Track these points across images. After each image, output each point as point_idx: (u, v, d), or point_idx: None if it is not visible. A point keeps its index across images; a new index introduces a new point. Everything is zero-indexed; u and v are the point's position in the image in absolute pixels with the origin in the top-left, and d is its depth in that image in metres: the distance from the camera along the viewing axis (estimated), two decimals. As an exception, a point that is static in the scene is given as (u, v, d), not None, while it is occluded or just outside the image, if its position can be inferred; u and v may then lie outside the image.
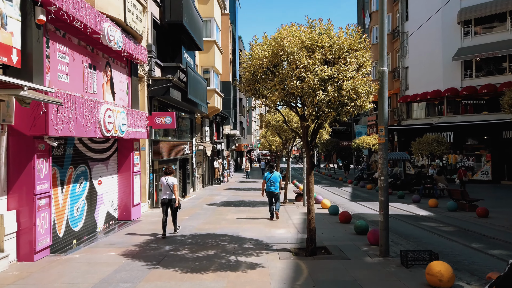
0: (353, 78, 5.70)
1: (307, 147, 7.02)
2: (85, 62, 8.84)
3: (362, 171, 30.06)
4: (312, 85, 5.59)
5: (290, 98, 6.23)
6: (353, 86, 5.63)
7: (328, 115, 5.88)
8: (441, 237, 9.48)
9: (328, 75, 5.67)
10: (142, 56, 11.65)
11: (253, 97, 6.91)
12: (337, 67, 5.75)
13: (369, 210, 14.36)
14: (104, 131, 8.87)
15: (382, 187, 6.90)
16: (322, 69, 5.68)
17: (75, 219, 8.89)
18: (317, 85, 5.61)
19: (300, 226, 10.33)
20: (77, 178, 9.05)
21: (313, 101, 5.69)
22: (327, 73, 5.65)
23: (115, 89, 10.57)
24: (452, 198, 14.86)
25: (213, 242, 8.39)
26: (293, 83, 5.74)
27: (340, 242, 8.31)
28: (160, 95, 14.20)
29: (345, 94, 5.62)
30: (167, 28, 16.56)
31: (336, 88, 5.67)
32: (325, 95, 5.62)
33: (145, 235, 9.26)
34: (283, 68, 6.07)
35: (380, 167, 6.88)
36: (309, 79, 5.61)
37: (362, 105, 5.86)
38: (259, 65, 6.31)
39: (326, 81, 5.72)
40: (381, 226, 6.93)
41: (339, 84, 5.68)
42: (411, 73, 30.77)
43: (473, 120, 26.08)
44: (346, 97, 5.65)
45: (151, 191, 14.03)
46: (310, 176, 7.10)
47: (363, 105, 5.89)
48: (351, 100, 5.73)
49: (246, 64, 6.57)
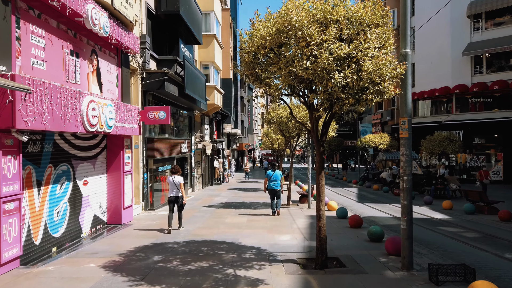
0: (375, 58, 4.71)
1: (318, 142, 6.03)
2: (66, 48, 7.87)
3: (367, 171, 29.01)
4: (326, 66, 4.61)
5: (297, 84, 5.23)
6: (375, 67, 4.64)
7: (345, 102, 4.88)
8: (467, 245, 8.43)
9: (345, 54, 4.69)
10: (133, 45, 10.68)
11: (254, 84, 5.93)
12: (356, 44, 4.76)
13: (379, 213, 13.35)
14: (87, 125, 7.90)
15: (405, 189, 5.91)
16: (338, 46, 4.70)
17: (55, 224, 7.93)
18: (332, 65, 4.62)
19: (306, 232, 9.34)
20: (58, 178, 8.09)
21: (327, 85, 4.71)
22: (345, 51, 4.66)
23: (103, 80, 9.60)
24: (469, 200, 13.84)
25: (209, 250, 7.41)
26: (302, 64, 4.75)
27: (353, 251, 7.31)
28: (154, 89, 13.23)
29: (366, 76, 4.63)
30: (164, 19, 15.59)
31: (354, 70, 4.68)
32: (342, 77, 4.63)
33: (134, 241, 8.29)
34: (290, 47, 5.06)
35: (403, 166, 5.88)
36: (322, 58, 4.63)
37: (386, 90, 4.88)
38: (261, 45, 5.33)
39: (342, 61, 4.74)
40: (403, 234, 5.93)
41: (358, 64, 4.69)
42: (418, 69, 29.71)
43: (483, 118, 25.04)
44: (367, 80, 4.66)
45: (145, 192, 13.06)
46: (320, 176, 6.11)
47: (387, 90, 4.90)
48: (373, 84, 4.75)
49: (246, 45, 5.59)
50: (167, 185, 15.53)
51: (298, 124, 13.36)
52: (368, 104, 5.03)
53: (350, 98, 4.79)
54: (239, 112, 41.40)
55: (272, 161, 37.13)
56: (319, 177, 6.14)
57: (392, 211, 13.73)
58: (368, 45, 4.78)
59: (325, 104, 5.00)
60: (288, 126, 13.79)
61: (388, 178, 22.69)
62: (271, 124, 14.61)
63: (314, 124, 5.92)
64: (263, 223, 10.51)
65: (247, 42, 5.60)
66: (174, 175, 9.64)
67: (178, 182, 9.52)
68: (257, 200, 15.99)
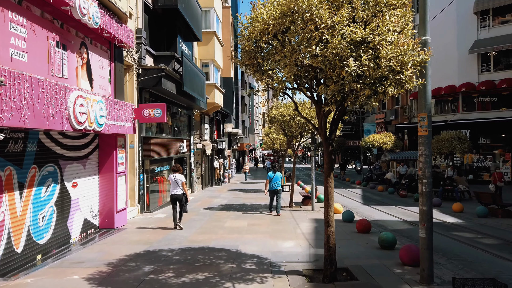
0: (394, 43, 4.08)
1: (326, 141, 5.40)
2: (51, 39, 7.25)
3: (371, 171, 28.35)
4: (339, 51, 3.98)
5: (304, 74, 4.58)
6: (396, 52, 4.01)
7: (360, 94, 4.25)
8: (487, 253, 7.74)
9: (361, 37, 4.06)
10: (127, 38, 10.06)
11: (255, 77, 5.31)
12: (372, 26, 4.13)
13: (387, 216, 12.70)
14: (74, 123, 7.29)
15: (424, 192, 5.27)
16: (352, 29, 4.07)
17: (39, 229, 7.32)
18: (346, 51, 3.99)
19: (311, 237, 8.72)
20: (43, 180, 7.47)
21: (339, 75, 4.07)
22: (360, 35, 4.04)
23: (93, 75, 8.98)
24: (481, 202, 13.18)
25: (206, 260, 6.78)
26: (311, 49, 4.13)
27: (364, 260, 6.67)
28: (151, 86, 12.61)
29: (385, 64, 4.00)
30: (161, 13, 14.99)
31: (371, 56, 4.06)
32: (357, 65, 4.00)
33: (125, 248, 7.67)
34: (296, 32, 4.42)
35: (422, 167, 5.25)
36: (334, 43, 4.01)
37: (408, 80, 4.25)
38: (263, 31, 4.70)
39: (358, 46, 4.11)
40: (423, 244, 5.30)
41: (376, 50, 4.06)
42: (423, 67, 28.97)
43: (490, 117, 24.36)
44: (386, 68, 4.03)
45: (141, 194, 12.44)
46: (329, 179, 5.48)
47: (409, 80, 4.27)
48: (393, 73, 4.12)
49: (246, 31, 4.96)
50: (165, 186, 14.96)
51: (302, 121, 12.72)
52: (386, 97, 4.40)
53: (366, 89, 4.15)
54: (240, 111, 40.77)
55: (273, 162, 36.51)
56: (327, 180, 5.51)
57: (400, 214, 13.09)
58: (387, 27, 4.15)
59: (337, 97, 4.37)
60: (291, 125, 13.16)
61: (393, 179, 22.05)
62: (272, 123, 13.98)
63: (323, 121, 5.28)
64: (264, 228, 9.89)
65: (247, 28, 4.98)
66: (175, 174, 9.80)
67: (179, 181, 9.69)
68: (258, 202, 15.37)
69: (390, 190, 20.15)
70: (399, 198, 18.00)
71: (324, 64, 4.13)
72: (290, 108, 13.24)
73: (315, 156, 14.30)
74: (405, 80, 4.23)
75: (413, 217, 12.21)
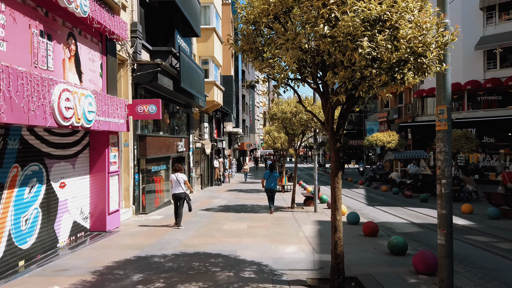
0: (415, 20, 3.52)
1: (333, 137, 4.85)
2: (35, 28, 6.70)
3: (374, 171, 27.76)
4: (351, 30, 3.42)
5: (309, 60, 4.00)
6: (418, 32, 3.45)
7: (374, 81, 3.68)
8: (507, 259, 7.03)
9: (377, 15, 3.51)
10: (119, 30, 9.51)
11: (254, 65, 4.75)
12: (389, 2, 3.57)
13: (394, 218, 12.12)
14: (59, 118, 6.74)
15: (444, 194, 4.70)
16: (366, 5, 3.51)
17: (22, 233, 6.77)
18: (359, 30, 3.43)
19: (315, 241, 8.16)
20: (26, 180, 6.93)
21: (351, 58, 3.52)
22: (376, 11, 3.48)
23: (83, 68, 8.44)
24: (492, 204, 12.61)
25: (201, 267, 6.22)
26: (318, 29, 3.57)
27: (373, 268, 6.11)
28: (146, 82, 12.07)
29: (404, 45, 3.44)
30: (158, 7, 14.47)
31: (388, 37, 3.50)
32: (372, 47, 3.45)
33: (115, 253, 7.13)
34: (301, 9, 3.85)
35: (441, 166, 4.69)
36: (345, 21, 3.45)
37: (431, 65, 3.69)
38: (263, 12, 4.15)
39: (372, 25, 3.56)
40: (442, 252, 4.73)
41: (393, 29, 3.51)
42: (427, 65, 28.40)
43: (497, 115, 23.78)
44: (406, 50, 3.47)
45: (136, 194, 11.90)
46: (336, 179, 4.91)
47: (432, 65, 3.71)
48: (414, 56, 3.56)
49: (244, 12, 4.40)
50: (162, 186, 14.41)
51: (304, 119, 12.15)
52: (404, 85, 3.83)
53: (382, 74, 3.59)
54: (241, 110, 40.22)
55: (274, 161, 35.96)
56: (335, 180, 4.94)
57: (407, 215, 12.51)
58: (406, 3, 3.59)
59: (347, 84, 3.80)
60: (293, 122, 12.59)
61: (397, 179, 21.46)
62: (274, 120, 13.41)
63: (330, 114, 4.72)
64: (265, 230, 9.34)
65: (245, 9, 4.42)
66: (177, 173, 10.02)
67: (182, 180, 9.92)
68: (258, 202, 14.81)
69: (394, 190, 19.58)
70: (404, 198, 17.43)
71: (334, 47, 3.58)
72: (291, 105, 12.69)
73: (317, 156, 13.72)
74: (427, 65, 3.67)
75: (421, 219, 11.64)
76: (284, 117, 12.67)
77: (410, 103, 31.24)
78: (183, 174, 10.14)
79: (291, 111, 12.53)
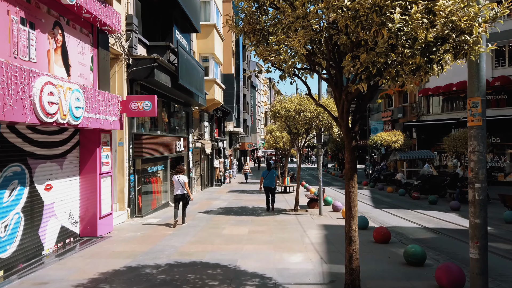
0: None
1: (348, 134, 4.20)
2: (14, 15, 6.07)
3: (378, 171, 27.07)
4: (378, 1, 2.77)
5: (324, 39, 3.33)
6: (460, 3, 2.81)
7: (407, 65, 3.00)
8: None
9: (409, -18, 2.86)
10: (112, 21, 8.88)
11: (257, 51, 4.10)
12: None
13: (404, 222, 11.45)
14: (41, 114, 6.11)
15: (477, 201, 4.05)
16: (396, -29, 2.86)
17: (1, 241, 6.15)
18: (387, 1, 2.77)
19: (322, 249, 7.51)
20: (6, 182, 6.31)
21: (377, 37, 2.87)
22: (408, -22, 2.83)
23: (71, 61, 7.80)
24: (507, 206, 11.97)
25: (196, 280, 5.57)
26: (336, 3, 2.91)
27: (390, 282, 5.46)
28: (142, 78, 11.44)
29: (443, 20, 2.80)
30: (156, 1, 13.85)
31: (424, 10, 2.86)
32: (403, 22, 2.79)
33: (103, 263, 6.49)
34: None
35: (474, 168, 4.04)
36: (371, -10, 2.80)
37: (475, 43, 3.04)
38: (268, -14, 3.51)
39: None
40: (475, 267, 4.08)
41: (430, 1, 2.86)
42: (432, 63, 27.68)
43: (505, 114, 23.06)
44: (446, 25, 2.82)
45: (132, 196, 11.26)
46: (352, 182, 4.27)
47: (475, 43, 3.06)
48: (455, 32, 2.92)
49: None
50: (159, 187, 13.77)
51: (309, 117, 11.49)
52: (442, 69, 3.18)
53: (416, 56, 2.93)
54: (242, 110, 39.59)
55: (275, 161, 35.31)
56: (350, 184, 4.29)
57: (418, 219, 11.85)
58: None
59: (371, 69, 3.13)
60: (296, 121, 11.94)
61: (403, 179, 20.79)
62: (276, 119, 12.75)
63: (345, 108, 4.07)
64: (267, 236, 8.69)
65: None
66: (179, 175, 10.30)
67: (183, 181, 10.18)
68: (260, 204, 14.17)
69: (400, 191, 18.91)
70: (411, 200, 16.76)
71: (355, 22, 2.92)
72: (295, 102, 12.04)
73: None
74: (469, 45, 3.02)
75: (433, 224, 10.97)
76: (288, 115, 12.02)
77: (415, 102, 30.54)
78: (184, 176, 10.37)
79: (294, 109, 11.88)
